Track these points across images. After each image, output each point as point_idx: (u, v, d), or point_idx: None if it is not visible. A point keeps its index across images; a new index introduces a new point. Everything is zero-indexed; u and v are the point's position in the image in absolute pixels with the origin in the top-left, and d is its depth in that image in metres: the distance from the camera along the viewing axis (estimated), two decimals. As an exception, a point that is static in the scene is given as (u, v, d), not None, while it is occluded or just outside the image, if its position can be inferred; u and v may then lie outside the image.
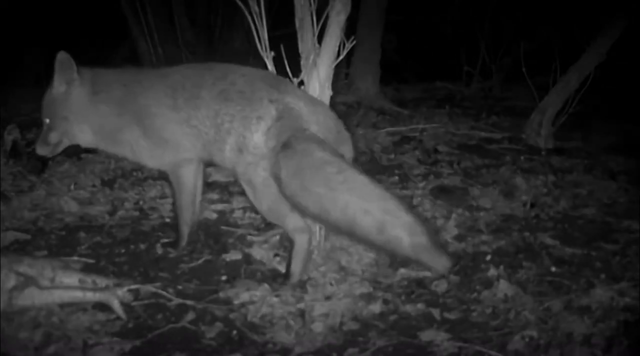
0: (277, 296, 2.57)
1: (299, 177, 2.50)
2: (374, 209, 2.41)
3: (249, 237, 3.12)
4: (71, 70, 2.84)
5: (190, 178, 2.95)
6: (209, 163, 3.00)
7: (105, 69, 3.01)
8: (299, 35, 2.81)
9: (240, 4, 2.74)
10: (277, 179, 2.56)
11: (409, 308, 2.55)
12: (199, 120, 2.72)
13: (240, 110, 2.64)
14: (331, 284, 2.68)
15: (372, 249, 2.71)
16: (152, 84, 2.83)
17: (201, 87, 2.72)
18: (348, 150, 2.74)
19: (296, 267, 2.72)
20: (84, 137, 2.95)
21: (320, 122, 2.64)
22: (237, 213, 3.44)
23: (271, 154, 2.58)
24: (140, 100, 2.82)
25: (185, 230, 3.02)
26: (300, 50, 2.82)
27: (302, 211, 2.58)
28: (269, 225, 3.26)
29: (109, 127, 2.90)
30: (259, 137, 2.60)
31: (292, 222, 2.70)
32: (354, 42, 2.81)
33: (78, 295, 2.48)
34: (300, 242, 2.71)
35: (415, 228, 2.40)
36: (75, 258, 2.87)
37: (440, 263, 2.43)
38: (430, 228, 2.46)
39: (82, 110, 2.89)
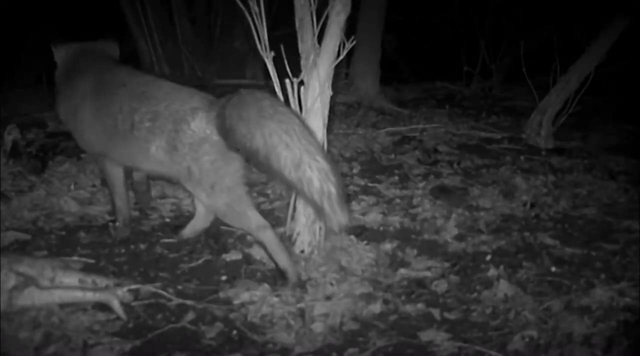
0: (277, 296, 2.57)
1: (238, 109, 2.55)
2: (295, 146, 2.47)
3: (249, 237, 3.12)
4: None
5: (112, 172, 3.05)
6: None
7: (88, 54, 3.12)
8: (299, 35, 2.81)
9: (240, 4, 2.74)
10: (222, 128, 2.60)
11: (409, 308, 2.55)
12: (108, 115, 2.80)
13: (166, 107, 2.69)
14: (331, 284, 2.68)
15: (284, 185, 2.72)
16: (103, 86, 2.91)
17: (124, 86, 2.82)
18: None
19: (282, 261, 2.71)
20: None
21: None
22: (237, 213, 3.44)
23: (215, 121, 2.62)
24: (83, 97, 2.94)
25: (120, 217, 3.13)
26: (300, 50, 2.82)
27: (235, 143, 2.58)
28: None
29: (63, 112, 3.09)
30: (197, 123, 2.65)
31: (254, 219, 2.71)
32: (354, 42, 2.81)
33: (78, 295, 2.48)
34: (268, 238, 2.71)
35: (328, 176, 2.47)
36: (75, 258, 2.87)
37: (338, 218, 2.48)
38: (342, 183, 2.52)
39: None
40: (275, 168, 2.50)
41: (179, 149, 2.66)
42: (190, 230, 3.10)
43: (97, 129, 2.88)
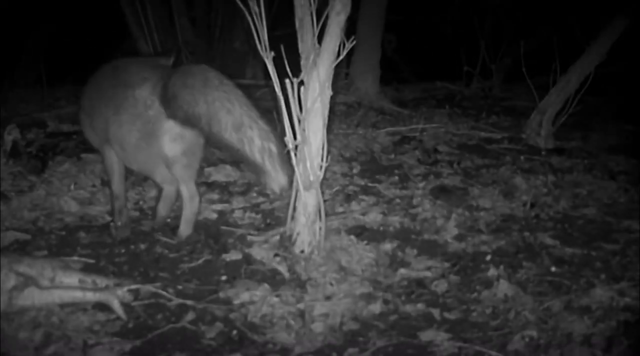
0: (277, 296, 2.57)
1: (183, 78, 2.73)
2: (237, 111, 2.67)
3: (249, 237, 3.12)
4: None
5: (110, 156, 3.10)
6: (208, 163, 3.02)
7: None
8: (299, 35, 2.81)
9: (240, 4, 2.74)
10: (165, 96, 2.74)
11: (409, 308, 2.55)
12: (95, 108, 3.00)
13: (123, 79, 2.89)
14: (331, 284, 2.68)
15: (226, 150, 2.88)
16: (97, 78, 3.09)
17: (109, 70, 3.04)
18: None
19: (163, 209, 3.15)
20: None
21: None
22: (237, 213, 3.44)
23: (160, 91, 2.77)
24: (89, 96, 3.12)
25: (116, 204, 3.19)
26: (300, 50, 2.82)
27: (177, 109, 2.72)
28: (269, 225, 3.27)
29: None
30: (140, 92, 2.81)
31: (161, 174, 2.98)
32: (354, 42, 2.81)
33: (78, 295, 2.48)
34: (168, 189, 3.08)
35: (269, 136, 2.66)
36: (75, 258, 2.87)
37: (279, 177, 2.67)
38: (283, 146, 2.70)
39: None
40: (216, 132, 2.66)
41: (121, 114, 2.83)
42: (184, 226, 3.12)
43: (90, 117, 3.07)
